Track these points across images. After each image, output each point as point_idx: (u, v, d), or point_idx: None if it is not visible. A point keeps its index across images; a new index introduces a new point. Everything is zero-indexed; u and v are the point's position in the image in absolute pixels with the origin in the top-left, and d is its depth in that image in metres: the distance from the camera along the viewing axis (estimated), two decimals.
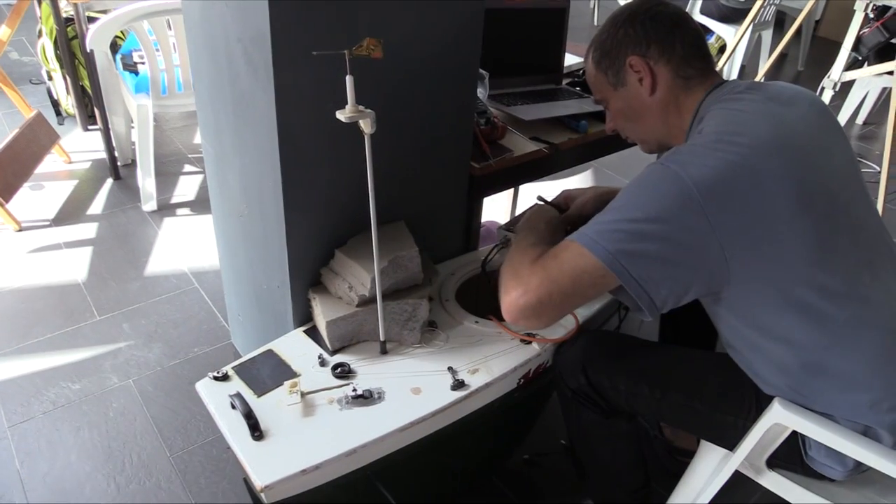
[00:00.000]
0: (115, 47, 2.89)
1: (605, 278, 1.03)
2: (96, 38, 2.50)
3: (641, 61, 1.19)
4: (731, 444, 1.22)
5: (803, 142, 1.08)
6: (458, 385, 1.25)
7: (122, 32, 2.95)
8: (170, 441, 1.78)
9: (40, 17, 3.15)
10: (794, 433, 1.13)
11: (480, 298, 1.55)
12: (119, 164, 3.05)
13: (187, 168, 3.14)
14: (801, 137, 1.09)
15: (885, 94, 3.91)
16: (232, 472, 1.69)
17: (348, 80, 1.05)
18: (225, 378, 1.28)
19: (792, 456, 1.17)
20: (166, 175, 3.06)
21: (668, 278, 1.03)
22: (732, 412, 1.20)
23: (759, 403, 1.17)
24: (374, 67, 1.16)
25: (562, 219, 1.44)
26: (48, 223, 2.69)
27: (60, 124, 3.37)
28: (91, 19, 2.76)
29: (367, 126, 1.09)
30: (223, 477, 1.69)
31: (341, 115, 1.07)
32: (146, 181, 2.76)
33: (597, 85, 1.29)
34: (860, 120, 4.20)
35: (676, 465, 1.72)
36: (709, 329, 1.64)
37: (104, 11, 2.76)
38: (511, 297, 1.08)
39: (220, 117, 1.43)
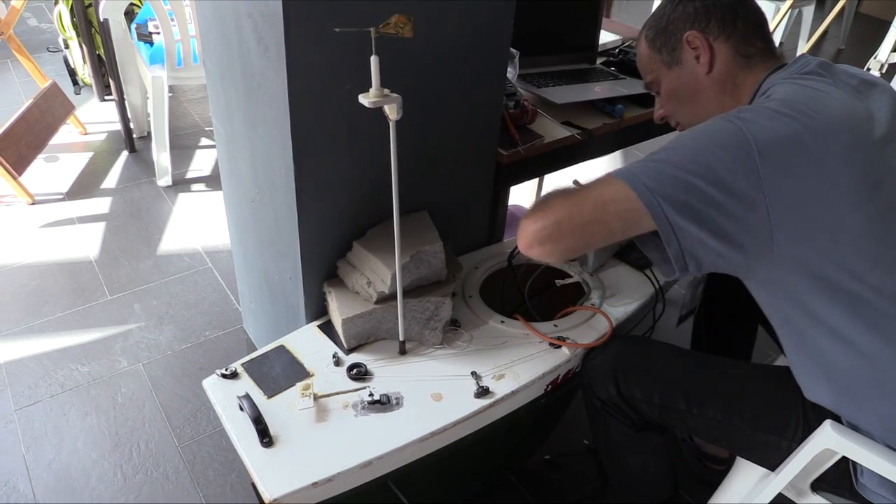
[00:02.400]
0: (131, 16, 2.80)
1: (635, 213, 0.95)
2: (110, 7, 2.42)
3: (700, 36, 1.12)
4: (772, 464, 1.13)
5: (873, 129, 1.00)
6: (482, 392, 1.16)
7: (138, 0, 2.86)
8: (178, 430, 1.72)
9: None
10: (845, 456, 1.04)
11: (506, 294, 1.46)
12: (135, 136, 2.98)
13: (204, 141, 3.06)
14: (870, 124, 1.00)
15: None
16: (241, 466, 1.62)
17: (373, 60, 0.95)
18: (234, 376, 1.21)
19: (841, 481, 1.08)
20: (182, 149, 2.99)
21: (705, 236, 0.95)
22: (777, 432, 1.11)
23: (808, 423, 1.08)
24: (397, 47, 1.06)
25: None
26: (62, 196, 2.63)
27: (77, 94, 3.31)
28: None
29: (392, 112, 1.00)
30: (231, 469, 1.63)
31: (365, 100, 0.97)
32: (161, 155, 2.69)
33: (649, 65, 1.21)
34: None
35: (706, 471, 1.64)
36: (746, 336, 1.56)
37: None
38: (528, 220, 1.02)
39: (230, 97, 1.34)
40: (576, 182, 1.43)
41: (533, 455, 1.68)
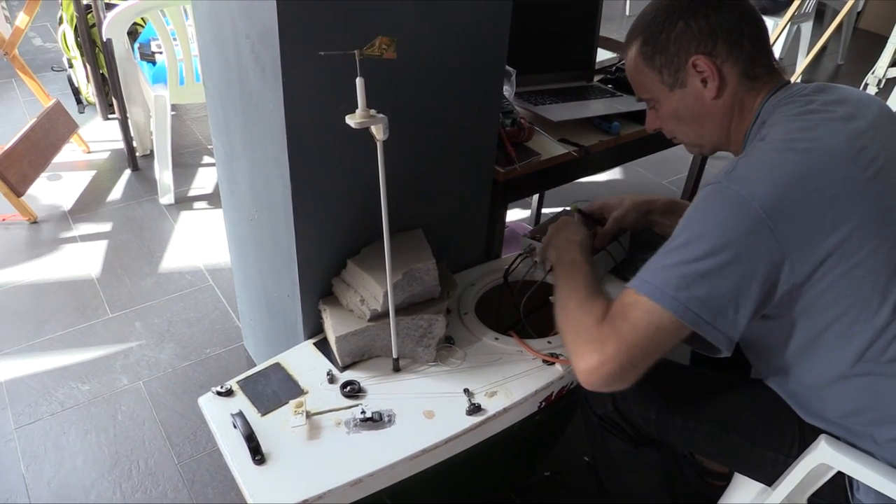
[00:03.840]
0: (134, 35, 2.84)
1: (682, 329, 0.93)
2: (112, 27, 2.45)
3: (708, 62, 1.04)
4: (769, 479, 1.13)
5: (877, 151, 0.97)
6: (474, 409, 1.16)
7: (142, 20, 2.89)
8: (178, 448, 1.72)
9: (61, 4, 3.11)
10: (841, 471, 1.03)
11: (502, 311, 1.47)
12: (138, 154, 3.00)
13: (206, 159, 3.08)
14: (874, 147, 0.98)
15: None
16: None
17: (359, 82, 0.96)
18: (229, 393, 1.21)
19: (837, 495, 1.08)
20: (185, 167, 3.01)
21: (742, 311, 0.93)
22: (772, 447, 1.11)
23: (804, 438, 1.08)
24: (390, 66, 1.08)
25: (600, 234, 1.38)
26: (64, 215, 2.65)
27: (81, 113, 3.34)
28: (109, 6, 2.70)
29: (378, 132, 1.01)
30: (231, 488, 1.62)
31: (351, 121, 0.98)
32: (163, 174, 2.71)
33: (645, 83, 1.12)
34: None
35: (706, 488, 1.63)
36: (743, 352, 1.56)
37: None
38: (589, 366, 0.96)
39: (229, 116, 1.36)
40: (576, 209, 1.43)
41: (533, 472, 1.67)
